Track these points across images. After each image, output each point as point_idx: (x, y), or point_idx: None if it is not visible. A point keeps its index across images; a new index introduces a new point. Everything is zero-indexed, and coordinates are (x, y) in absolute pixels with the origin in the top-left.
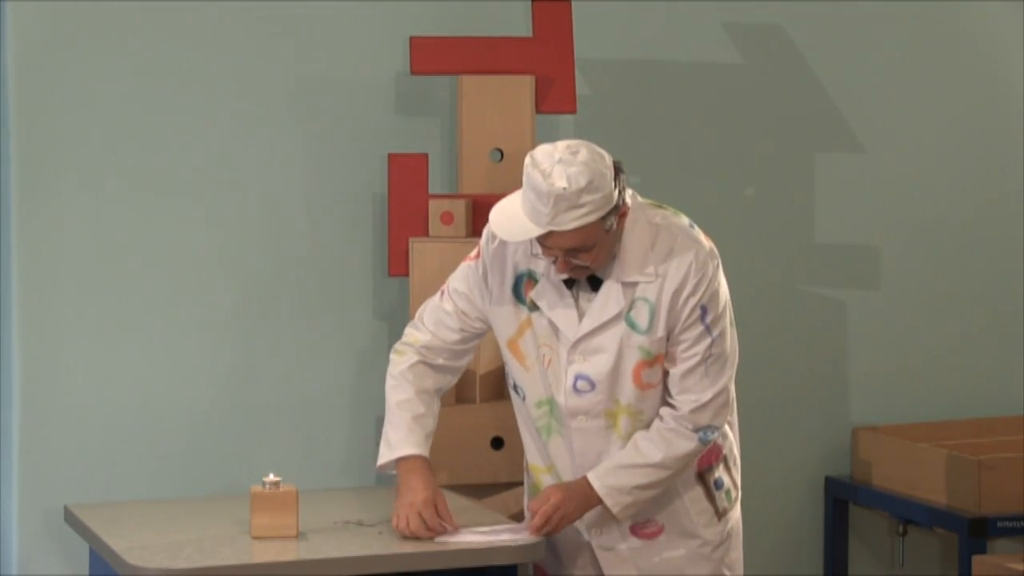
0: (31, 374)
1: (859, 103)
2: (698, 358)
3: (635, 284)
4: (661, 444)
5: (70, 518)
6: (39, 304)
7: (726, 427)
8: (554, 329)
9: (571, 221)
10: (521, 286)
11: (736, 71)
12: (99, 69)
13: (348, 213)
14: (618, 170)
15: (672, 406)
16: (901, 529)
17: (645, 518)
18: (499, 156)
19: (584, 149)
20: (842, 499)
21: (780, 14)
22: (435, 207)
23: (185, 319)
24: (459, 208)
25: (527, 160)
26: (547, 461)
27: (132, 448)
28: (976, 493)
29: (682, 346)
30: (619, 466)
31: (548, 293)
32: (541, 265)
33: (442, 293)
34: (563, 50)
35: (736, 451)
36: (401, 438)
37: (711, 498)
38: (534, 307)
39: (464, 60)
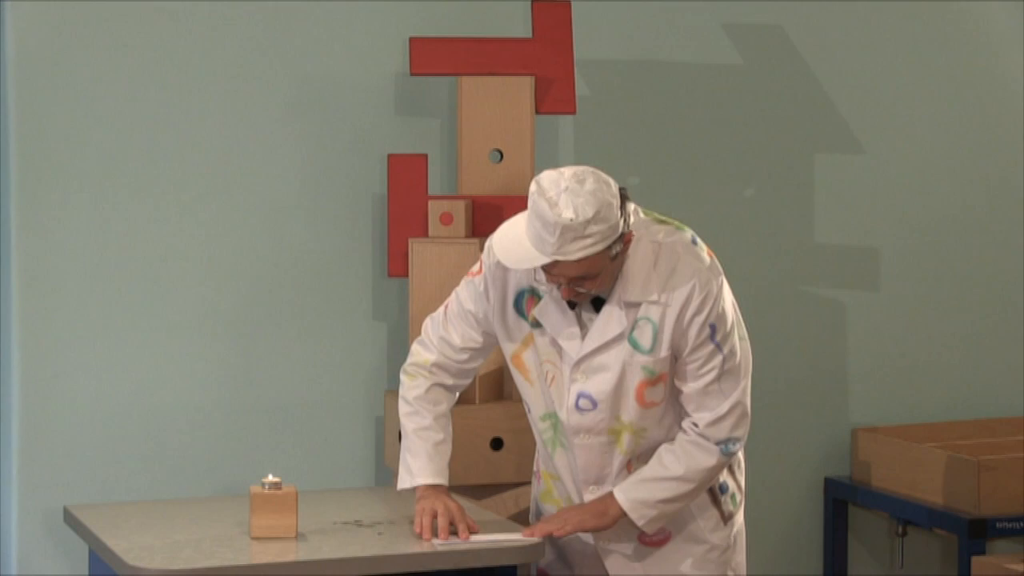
0: (31, 374)
1: (859, 103)
2: (711, 376)
3: (637, 304)
4: (683, 457)
5: (70, 519)
6: (39, 305)
7: None
8: (556, 347)
9: (577, 251)
10: (523, 302)
11: (736, 71)
12: (99, 70)
13: (348, 214)
14: (624, 198)
15: (692, 422)
16: (901, 530)
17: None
18: (499, 157)
19: (591, 178)
20: (842, 500)
21: (780, 14)
22: (435, 208)
23: (185, 319)
24: (459, 209)
25: (532, 187)
26: (555, 472)
27: (132, 449)
28: (976, 494)
29: (694, 365)
30: (644, 479)
31: (551, 311)
32: (543, 280)
33: (445, 307)
34: (563, 50)
35: (741, 455)
36: (422, 466)
37: (717, 503)
38: (536, 324)
39: (464, 60)
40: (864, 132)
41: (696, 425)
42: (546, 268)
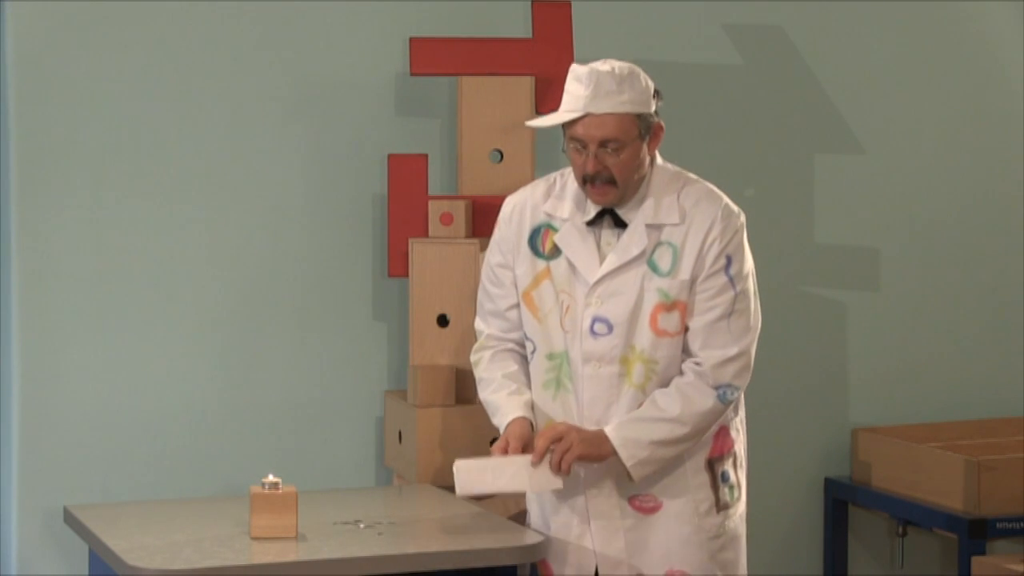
0: (31, 374)
1: (859, 103)
2: (720, 310)
3: (660, 228)
4: (679, 398)
5: (69, 519)
6: (39, 304)
7: (738, 422)
8: (573, 273)
9: (608, 106)
10: (538, 238)
11: (736, 71)
12: (99, 69)
13: (348, 214)
14: (657, 93)
15: (694, 362)
16: (901, 530)
17: (647, 492)
18: (499, 157)
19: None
20: (842, 500)
21: (780, 15)
22: (435, 208)
23: (185, 319)
24: (459, 209)
25: (571, 67)
26: (546, 423)
27: (132, 448)
28: (976, 494)
29: (705, 295)
30: (636, 419)
31: (571, 235)
32: (566, 210)
33: (481, 288)
34: (563, 51)
35: (744, 453)
36: (504, 414)
37: (715, 487)
38: (553, 255)
39: (464, 61)
40: (864, 132)
41: (700, 364)
42: (575, 133)
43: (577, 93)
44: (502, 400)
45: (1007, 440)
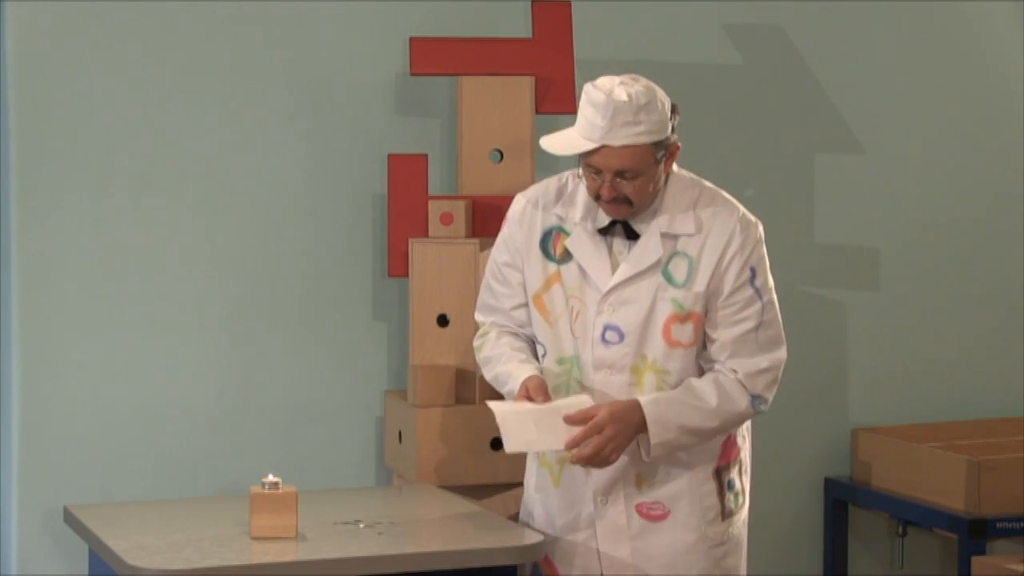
0: (31, 374)
1: (859, 103)
2: (751, 323)
3: (676, 238)
4: (717, 391)
5: (69, 519)
6: (39, 304)
7: (744, 430)
8: (585, 280)
9: (624, 138)
10: (549, 241)
11: (736, 71)
12: (99, 70)
13: (348, 214)
14: (674, 109)
15: (731, 368)
16: (901, 530)
17: (655, 499)
18: (499, 157)
19: (644, 79)
20: (842, 500)
21: (780, 14)
22: (435, 208)
23: (185, 319)
24: (459, 209)
25: (586, 86)
26: None
27: (131, 448)
28: (976, 494)
29: (732, 309)
30: (672, 400)
31: (583, 241)
32: (577, 214)
33: (485, 284)
34: (563, 51)
35: (748, 460)
36: (517, 376)
37: (721, 495)
38: (564, 259)
39: (464, 61)
40: (864, 132)
41: (735, 371)
42: (590, 161)
43: (593, 122)
44: (514, 367)
45: (1007, 440)
